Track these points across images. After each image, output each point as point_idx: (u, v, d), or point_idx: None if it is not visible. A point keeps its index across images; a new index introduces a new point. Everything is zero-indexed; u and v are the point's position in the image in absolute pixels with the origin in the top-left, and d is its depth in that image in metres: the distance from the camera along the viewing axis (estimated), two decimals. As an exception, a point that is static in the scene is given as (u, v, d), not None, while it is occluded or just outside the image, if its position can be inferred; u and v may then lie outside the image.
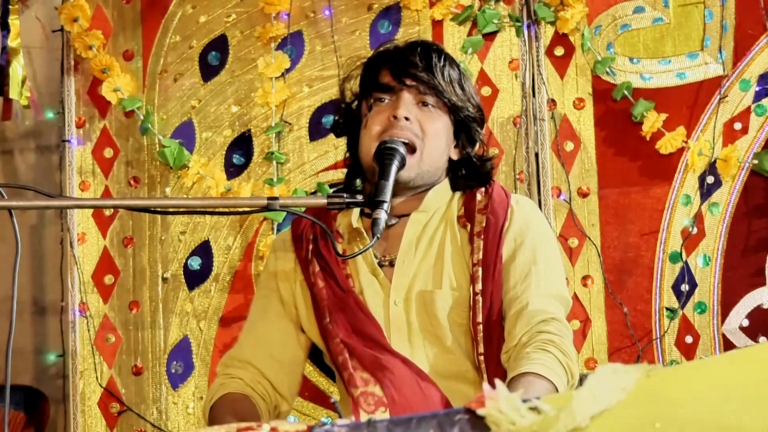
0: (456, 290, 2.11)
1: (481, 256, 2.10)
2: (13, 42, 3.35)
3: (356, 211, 2.21)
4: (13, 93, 3.34)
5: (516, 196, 2.25)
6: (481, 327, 2.07)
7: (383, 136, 2.12)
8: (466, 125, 2.21)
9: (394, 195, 2.09)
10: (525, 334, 2.01)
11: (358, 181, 2.25)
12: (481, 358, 2.06)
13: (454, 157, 2.23)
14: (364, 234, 2.19)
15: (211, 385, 2.24)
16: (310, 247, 2.21)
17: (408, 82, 2.15)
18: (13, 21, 3.37)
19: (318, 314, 2.16)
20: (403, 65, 2.16)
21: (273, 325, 2.22)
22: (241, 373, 2.18)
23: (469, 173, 2.24)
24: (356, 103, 2.26)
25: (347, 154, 2.30)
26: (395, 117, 2.12)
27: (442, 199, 2.21)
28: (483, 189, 2.21)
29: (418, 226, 2.18)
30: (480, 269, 2.09)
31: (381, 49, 2.26)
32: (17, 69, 3.35)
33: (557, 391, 1.93)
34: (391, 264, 2.16)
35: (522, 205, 2.21)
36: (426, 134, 2.14)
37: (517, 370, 1.94)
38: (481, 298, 2.08)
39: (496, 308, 2.08)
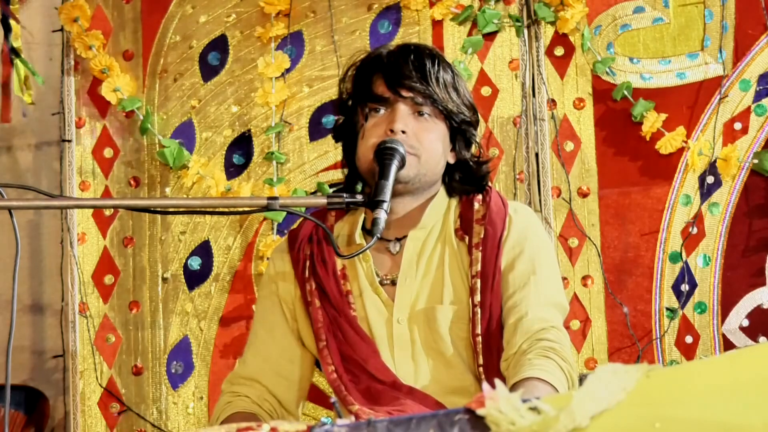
0: (455, 304, 2.11)
1: (479, 268, 2.10)
2: (15, 42, 3.36)
3: (359, 225, 2.20)
4: (17, 90, 3.34)
5: (514, 204, 2.23)
6: (480, 338, 2.07)
7: None
8: (462, 129, 2.20)
9: (393, 196, 2.09)
10: (525, 341, 2.01)
11: (358, 187, 2.24)
12: (481, 369, 2.06)
13: (451, 161, 2.22)
14: (368, 251, 2.16)
15: (216, 404, 2.23)
16: (308, 263, 2.20)
17: (403, 93, 2.13)
18: (14, 21, 3.38)
19: (314, 334, 2.17)
20: (398, 75, 2.14)
21: (277, 342, 2.21)
22: (247, 391, 2.17)
23: (466, 177, 2.23)
24: (350, 102, 2.24)
25: (343, 161, 2.30)
26: (392, 131, 2.11)
27: (439, 212, 2.20)
28: (480, 197, 2.20)
29: (417, 243, 2.17)
30: (479, 281, 2.09)
31: (374, 54, 2.24)
32: (20, 68, 3.36)
33: (559, 396, 1.94)
34: (393, 283, 2.16)
35: (520, 213, 2.20)
36: (423, 145, 2.13)
37: (519, 376, 1.94)
38: (480, 310, 2.07)
39: (495, 319, 2.08)
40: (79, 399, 3.23)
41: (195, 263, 3.24)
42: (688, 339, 2.96)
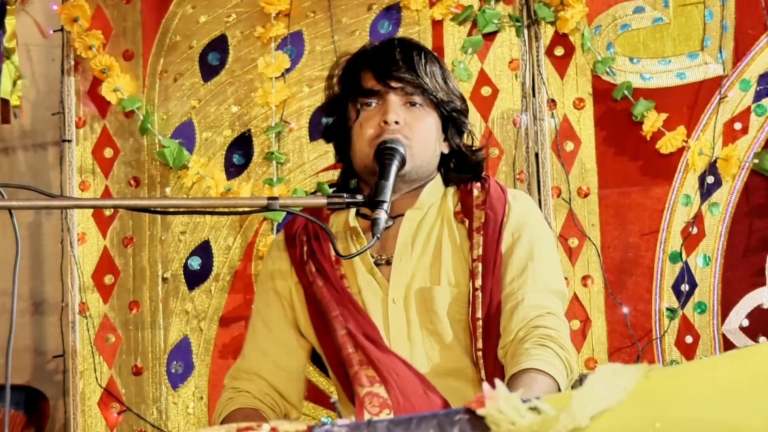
0: (455, 286, 2.11)
1: (481, 252, 2.11)
2: (8, 43, 3.36)
3: (352, 210, 2.21)
4: (4, 93, 3.34)
5: (512, 191, 2.25)
6: (480, 322, 2.07)
7: (376, 141, 2.13)
8: (453, 118, 2.22)
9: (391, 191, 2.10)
10: (521, 329, 2.01)
11: (353, 182, 2.26)
12: (480, 353, 2.07)
13: (445, 150, 2.24)
14: (361, 233, 2.19)
15: (219, 400, 2.23)
16: (305, 248, 2.21)
17: (393, 84, 2.15)
18: (10, 21, 3.38)
19: (319, 311, 2.16)
20: (386, 67, 2.16)
21: (276, 334, 2.22)
22: (248, 386, 2.18)
23: (461, 165, 2.25)
24: (341, 101, 2.26)
25: (338, 157, 2.31)
26: (386, 122, 2.12)
27: (436, 195, 2.21)
28: (479, 184, 2.21)
29: (413, 224, 2.18)
30: (480, 265, 2.10)
31: (359, 51, 2.26)
32: (11, 69, 3.35)
33: (559, 386, 1.94)
34: (388, 263, 2.17)
35: (519, 200, 2.22)
36: (415, 134, 2.14)
37: (517, 367, 1.94)
38: (480, 294, 2.08)
39: (496, 304, 2.08)
40: (79, 399, 3.23)
41: (195, 263, 3.24)
42: (688, 339, 2.96)
